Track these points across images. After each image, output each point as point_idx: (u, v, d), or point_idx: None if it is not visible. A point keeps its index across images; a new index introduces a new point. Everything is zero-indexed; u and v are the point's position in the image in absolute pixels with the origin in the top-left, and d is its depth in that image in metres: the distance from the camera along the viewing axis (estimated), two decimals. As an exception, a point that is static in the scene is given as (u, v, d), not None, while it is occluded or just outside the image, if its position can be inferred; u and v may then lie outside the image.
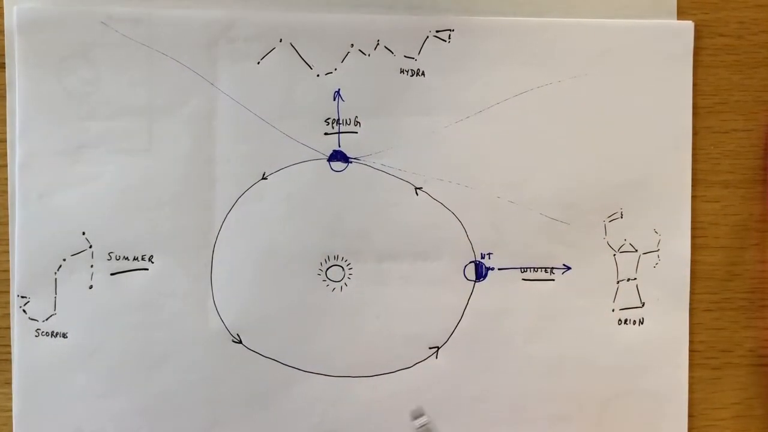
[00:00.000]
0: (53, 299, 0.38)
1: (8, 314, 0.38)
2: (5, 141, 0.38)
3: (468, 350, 0.38)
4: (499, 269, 0.38)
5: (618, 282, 0.39)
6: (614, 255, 0.39)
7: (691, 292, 0.39)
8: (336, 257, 0.38)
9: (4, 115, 0.37)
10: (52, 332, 0.38)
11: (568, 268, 0.38)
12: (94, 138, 0.38)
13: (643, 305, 0.39)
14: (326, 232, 0.38)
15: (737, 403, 0.39)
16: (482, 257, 0.38)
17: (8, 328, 0.38)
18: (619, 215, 0.38)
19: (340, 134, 0.38)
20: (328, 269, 0.38)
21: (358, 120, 0.38)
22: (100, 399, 0.38)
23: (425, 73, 0.38)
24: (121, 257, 0.38)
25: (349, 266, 0.38)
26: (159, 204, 0.38)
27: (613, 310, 0.39)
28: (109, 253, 0.38)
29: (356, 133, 0.38)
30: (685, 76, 0.38)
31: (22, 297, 0.38)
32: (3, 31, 0.37)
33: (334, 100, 0.38)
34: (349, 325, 0.38)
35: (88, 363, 0.38)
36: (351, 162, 0.38)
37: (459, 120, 0.38)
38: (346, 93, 0.38)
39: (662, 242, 0.38)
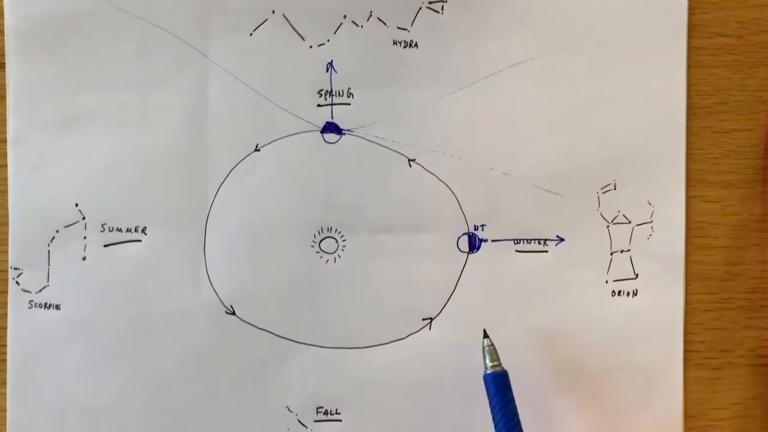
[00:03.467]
0: (46, 271, 0.38)
1: (5, 315, 0.38)
2: (5, 141, 0.38)
3: (461, 322, 0.38)
4: (492, 241, 0.38)
5: (611, 253, 0.38)
6: (608, 226, 0.38)
7: (691, 292, 0.39)
8: (329, 229, 0.38)
9: (5, 115, 0.38)
10: (46, 304, 0.38)
11: (562, 240, 0.38)
12: (87, 110, 0.38)
13: (636, 277, 0.38)
14: (319, 204, 0.38)
15: (737, 403, 0.39)
16: (475, 229, 0.38)
17: (5, 327, 0.38)
18: (612, 187, 0.38)
19: (333, 106, 0.38)
20: (321, 241, 0.38)
21: (351, 92, 0.38)
22: (93, 371, 0.38)
23: (418, 45, 0.38)
24: (114, 229, 0.38)
25: (343, 238, 0.38)
26: (152, 176, 0.38)
27: (606, 282, 0.38)
28: (102, 225, 0.38)
29: (349, 104, 0.38)
30: (678, 48, 0.38)
31: (16, 268, 0.38)
32: (3, 32, 0.38)
33: (327, 71, 0.38)
34: (342, 296, 0.38)
35: (82, 334, 0.38)
36: (344, 134, 0.38)
37: (452, 92, 0.38)
38: (338, 64, 0.38)
39: (656, 214, 0.38)
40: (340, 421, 0.38)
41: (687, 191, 0.39)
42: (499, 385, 0.35)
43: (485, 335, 0.36)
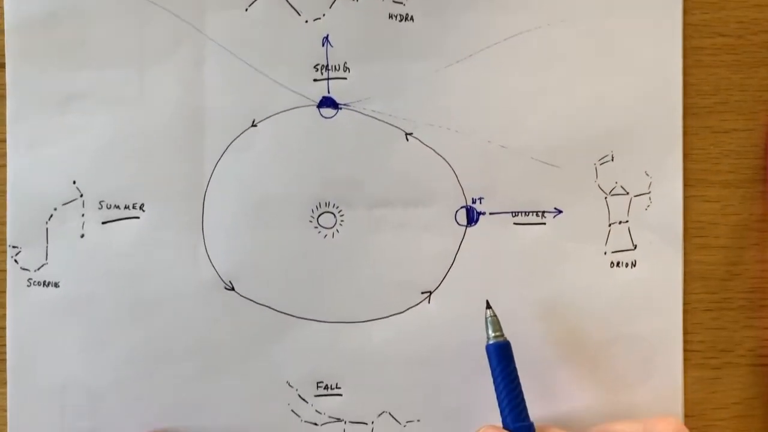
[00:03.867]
0: (45, 249, 0.38)
1: (5, 293, 0.38)
2: (5, 141, 0.38)
3: (460, 295, 0.38)
4: (490, 214, 0.38)
5: (610, 225, 0.38)
6: (605, 198, 0.38)
7: (692, 292, 0.39)
8: (327, 204, 0.38)
9: (5, 115, 0.38)
10: (44, 282, 0.38)
11: (560, 212, 0.38)
12: (84, 88, 0.38)
13: (635, 248, 0.38)
14: (317, 179, 0.38)
15: (737, 403, 0.39)
16: (473, 202, 0.38)
17: (4, 306, 0.38)
18: (609, 158, 0.38)
19: (330, 80, 0.38)
20: (319, 216, 0.38)
21: (347, 66, 0.38)
22: (93, 348, 0.38)
23: (414, 18, 0.38)
24: (112, 206, 0.38)
25: (341, 213, 0.38)
26: (149, 152, 0.38)
27: (605, 253, 0.38)
28: (99, 202, 0.38)
29: (345, 79, 0.38)
30: (674, 18, 0.38)
31: (14, 247, 0.38)
32: (3, 31, 0.38)
33: (323, 46, 0.38)
34: (341, 271, 0.38)
35: (81, 312, 0.38)
36: (341, 108, 0.38)
37: (449, 65, 0.38)
38: (334, 39, 0.38)
39: (653, 185, 0.38)
40: (341, 395, 0.38)
41: (687, 191, 0.39)
42: (501, 355, 0.35)
43: (488, 306, 0.36)
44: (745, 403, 0.39)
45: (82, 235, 0.38)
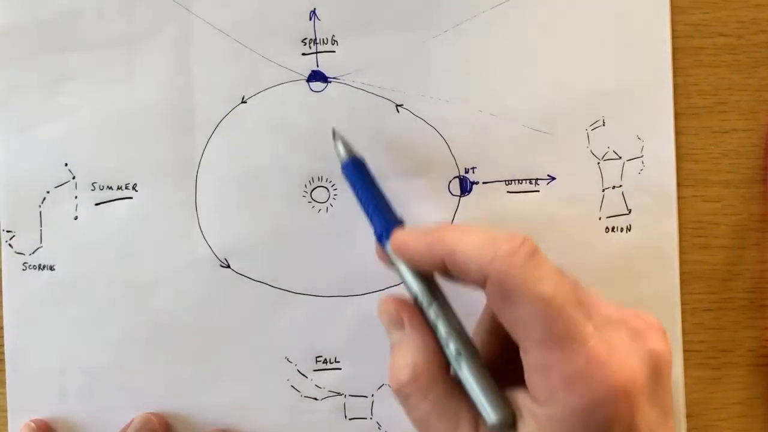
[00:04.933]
0: (39, 232, 0.38)
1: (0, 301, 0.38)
2: None
3: (456, 265, 0.38)
4: (483, 183, 0.38)
5: (603, 190, 0.38)
6: (598, 163, 0.38)
7: (692, 292, 0.39)
8: (320, 178, 0.38)
9: None
10: (40, 265, 0.38)
11: (553, 179, 0.38)
12: (72, 69, 0.38)
13: (629, 212, 0.38)
14: (309, 154, 0.38)
15: (737, 403, 0.39)
16: (466, 172, 0.38)
17: (0, 313, 0.38)
18: (601, 123, 0.38)
19: (318, 54, 0.38)
20: (312, 190, 0.38)
21: (335, 39, 0.38)
22: (90, 330, 0.38)
23: (400, -11, 0.38)
24: (105, 187, 0.38)
25: (334, 187, 0.38)
26: (140, 132, 0.38)
27: (599, 219, 0.38)
28: (92, 184, 0.38)
29: (334, 52, 0.38)
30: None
31: (8, 231, 0.38)
32: None
33: (310, 19, 0.38)
34: (336, 245, 0.38)
35: (77, 295, 0.38)
36: (330, 82, 0.38)
37: (437, 35, 0.38)
38: (321, 12, 0.38)
39: (646, 148, 0.38)
40: (340, 369, 0.38)
41: (687, 191, 0.39)
42: (360, 170, 0.35)
43: (334, 133, 0.36)
44: (746, 403, 0.39)
45: (76, 218, 0.38)
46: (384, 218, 0.33)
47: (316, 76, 0.38)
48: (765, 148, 0.39)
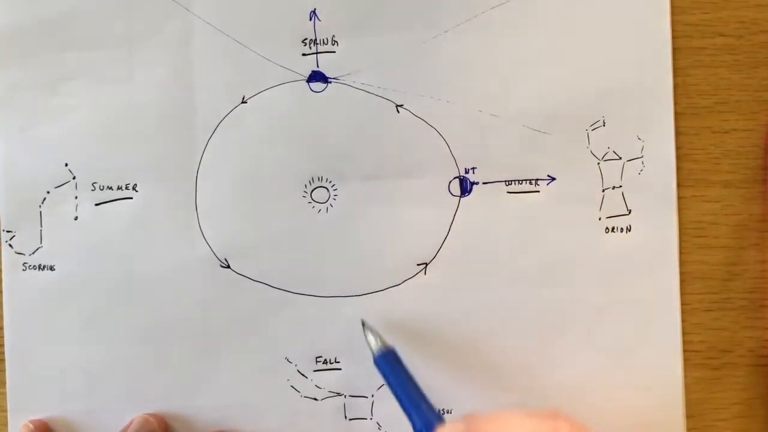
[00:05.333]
0: (39, 232, 0.38)
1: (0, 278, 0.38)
2: None
3: (456, 265, 0.38)
4: (483, 183, 0.38)
5: (603, 190, 0.38)
6: (598, 163, 0.38)
7: (692, 292, 0.39)
8: (320, 179, 0.38)
9: None
10: (40, 265, 0.38)
11: (553, 179, 0.38)
12: (73, 69, 0.38)
13: (629, 212, 0.38)
14: (309, 154, 0.38)
15: (737, 403, 0.39)
16: (466, 172, 0.38)
17: (0, 313, 0.38)
18: (601, 123, 0.38)
19: (318, 54, 0.38)
20: (313, 191, 0.38)
21: (335, 39, 0.38)
22: (91, 330, 0.38)
23: (400, -11, 0.38)
24: (105, 187, 0.38)
25: (334, 187, 0.38)
26: (140, 132, 0.38)
27: (599, 219, 0.38)
28: (92, 184, 0.38)
29: (334, 52, 0.38)
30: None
31: (8, 231, 0.38)
32: None
33: (311, 20, 0.38)
34: (336, 245, 0.38)
35: (77, 294, 0.38)
36: (330, 82, 0.38)
37: (437, 35, 0.38)
38: (322, 12, 0.38)
39: (645, 148, 0.38)
40: (340, 369, 0.38)
41: (687, 191, 0.39)
42: (393, 362, 0.35)
43: (364, 324, 0.37)
44: (746, 403, 0.39)
45: (76, 218, 0.38)
46: (424, 415, 0.33)
47: (317, 76, 0.38)
48: (765, 148, 0.39)
